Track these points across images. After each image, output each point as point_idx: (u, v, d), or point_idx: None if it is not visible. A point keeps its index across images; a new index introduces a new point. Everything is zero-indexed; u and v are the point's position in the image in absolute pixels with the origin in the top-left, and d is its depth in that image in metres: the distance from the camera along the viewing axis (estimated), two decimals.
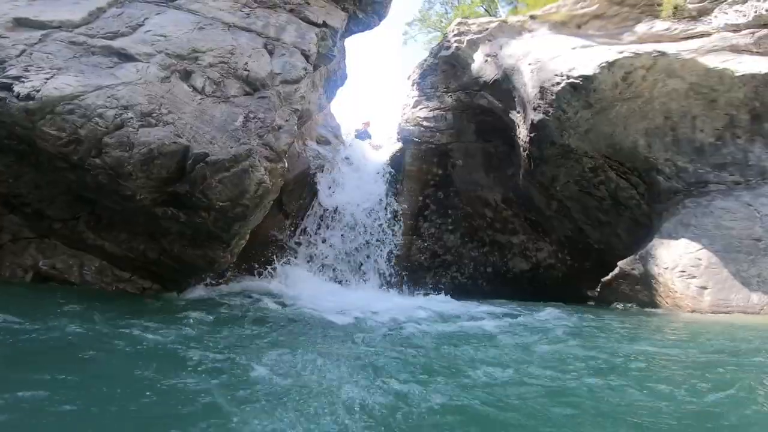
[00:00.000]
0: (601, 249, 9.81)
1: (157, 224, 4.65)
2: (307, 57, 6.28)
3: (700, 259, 7.52)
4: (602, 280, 8.74)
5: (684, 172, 8.29)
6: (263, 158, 4.86)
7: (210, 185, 4.45)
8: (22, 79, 4.10)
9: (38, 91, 4.05)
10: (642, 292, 8.13)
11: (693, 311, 7.20)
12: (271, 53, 5.84)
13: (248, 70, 5.38)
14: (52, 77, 4.17)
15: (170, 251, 4.84)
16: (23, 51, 4.28)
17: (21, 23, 4.44)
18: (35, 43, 4.38)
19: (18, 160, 4.30)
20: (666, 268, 7.69)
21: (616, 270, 8.46)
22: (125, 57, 4.67)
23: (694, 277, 7.44)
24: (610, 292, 8.62)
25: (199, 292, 5.61)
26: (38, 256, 4.72)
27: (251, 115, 5.04)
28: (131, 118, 4.28)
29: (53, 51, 4.37)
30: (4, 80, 4.07)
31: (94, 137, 4.14)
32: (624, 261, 8.43)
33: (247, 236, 5.49)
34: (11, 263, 4.66)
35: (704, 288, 7.29)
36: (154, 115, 4.42)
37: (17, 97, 4.04)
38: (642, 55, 8.08)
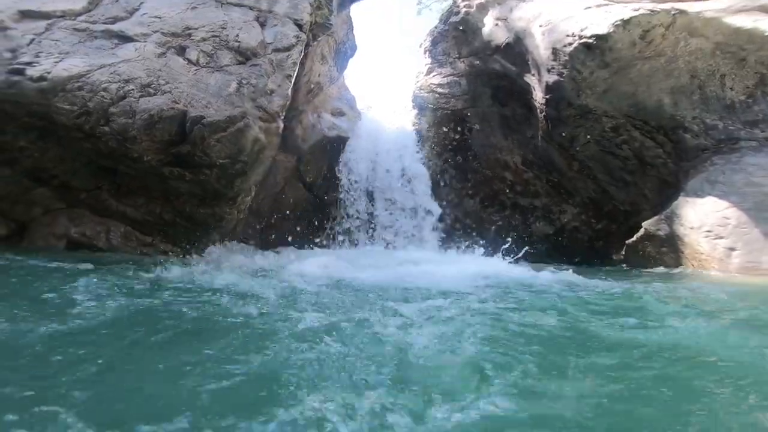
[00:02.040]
0: (627, 210, 9.80)
1: (168, 185, 5.40)
2: (300, 26, 6.87)
3: (728, 218, 7.31)
4: (627, 242, 8.75)
5: (713, 129, 8.22)
6: (257, 119, 5.55)
7: (209, 145, 5.17)
8: (34, 64, 4.91)
9: (49, 72, 4.86)
10: (668, 254, 8.08)
11: (721, 273, 6.97)
12: (263, 25, 6.48)
13: (239, 41, 6.04)
14: (60, 60, 4.97)
15: (183, 211, 5.61)
16: (32, 39, 5.08)
17: (26, 15, 5.24)
18: (42, 32, 5.17)
19: (41, 137, 5.08)
20: (692, 228, 7.59)
21: (641, 231, 8.44)
22: (124, 38, 5.44)
23: (721, 237, 7.25)
24: (636, 254, 8.59)
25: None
26: (69, 225, 5.53)
27: (244, 81, 5.71)
28: (132, 89, 5.03)
29: (60, 38, 5.16)
30: (18, 66, 4.89)
31: (102, 108, 4.90)
32: (649, 221, 8.41)
33: (252, 193, 6.20)
34: (45, 233, 5.48)
35: (732, 249, 7.10)
36: (153, 86, 5.15)
37: (31, 79, 4.86)
38: (659, 12, 7.97)
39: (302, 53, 6.85)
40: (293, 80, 6.56)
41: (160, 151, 5.12)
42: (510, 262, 7.98)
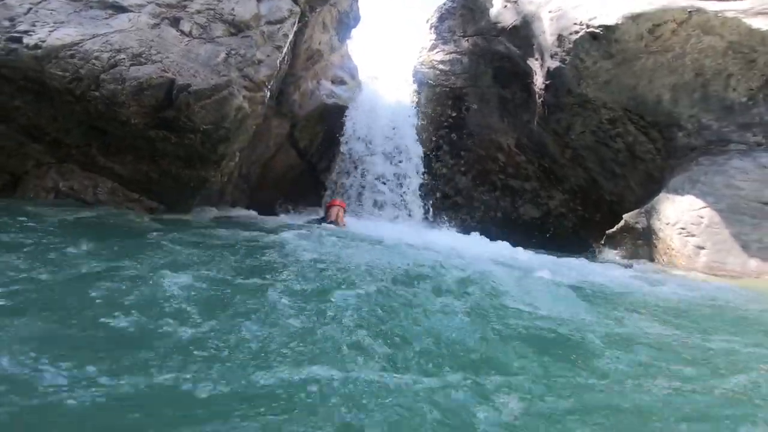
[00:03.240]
0: (613, 201, 10.28)
1: (154, 147, 5.88)
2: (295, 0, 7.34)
3: (702, 217, 7.66)
4: (607, 232, 9.20)
5: (706, 130, 8.48)
6: (242, 87, 6.04)
7: (194, 111, 5.65)
8: (30, 33, 5.36)
9: (44, 41, 5.34)
10: (642, 246, 8.49)
11: (687, 270, 7.37)
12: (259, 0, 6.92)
13: (234, 14, 6.45)
14: (55, 30, 5.42)
15: (169, 172, 6.12)
16: (30, 9, 5.52)
17: None
18: (39, 2, 5.61)
19: (36, 98, 5.54)
20: (667, 224, 7.94)
21: (621, 223, 8.89)
22: (119, 9, 5.86)
23: (693, 235, 7.63)
24: (614, 245, 9.03)
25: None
26: (58, 178, 6.04)
27: (233, 52, 6.16)
28: (123, 59, 5.49)
29: (56, 8, 5.60)
30: (16, 34, 5.35)
31: (93, 75, 5.37)
32: (629, 214, 8.84)
33: (236, 158, 6.73)
34: (35, 186, 5.99)
35: (701, 248, 7.48)
36: (144, 55, 5.60)
37: (27, 47, 5.33)
38: (674, 9, 8.09)
39: (295, 25, 7.24)
40: (284, 50, 6.98)
41: (147, 116, 5.59)
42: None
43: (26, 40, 5.33)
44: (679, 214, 7.88)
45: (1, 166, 5.84)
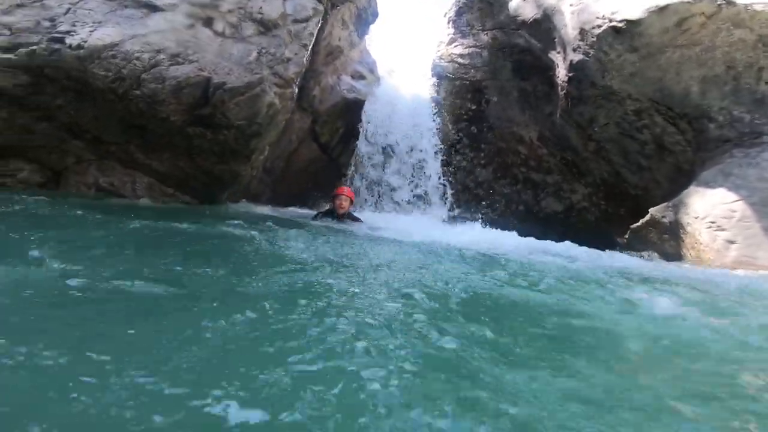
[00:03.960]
0: (638, 195, 10.22)
1: (190, 143, 6.29)
2: None
3: (734, 211, 7.54)
4: (632, 226, 9.10)
5: (739, 122, 8.42)
6: (273, 85, 6.44)
7: (228, 108, 6.07)
8: (72, 33, 5.69)
9: (85, 41, 5.67)
10: (668, 241, 8.38)
11: (715, 265, 7.21)
12: None
13: (262, 14, 6.81)
14: (95, 30, 5.75)
15: (202, 167, 6.55)
16: (68, 9, 5.84)
17: None
18: (77, 2, 5.93)
19: (77, 97, 5.93)
20: (696, 218, 7.85)
21: (647, 217, 8.76)
22: (153, 8, 6.19)
23: (723, 229, 7.51)
24: (638, 239, 8.93)
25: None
26: (99, 174, 6.48)
27: (263, 51, 6.55)
28: (163, 59, 5.87)
29: (93, 8, 5.93)
30: (57, 35, 5.68)
31: (134, 75, 5.75)
32: (656, 208, 8.71)
33: (266, 152, 7.10)
34: (77, 181, 6.43)
35: (731, 242, 7.36)
36: (182, 55, 5.99)
37: (70, 47, 5.67)
38: (702, 2, 8.04)
39: (319, 23, 7.59)
40: (310, 48, 7.34)
41: (185, 113, 6.00)
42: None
43: (68, 40, 5.68)
44: (709, 208, 7.80)
45: (43, 161, 6.26)
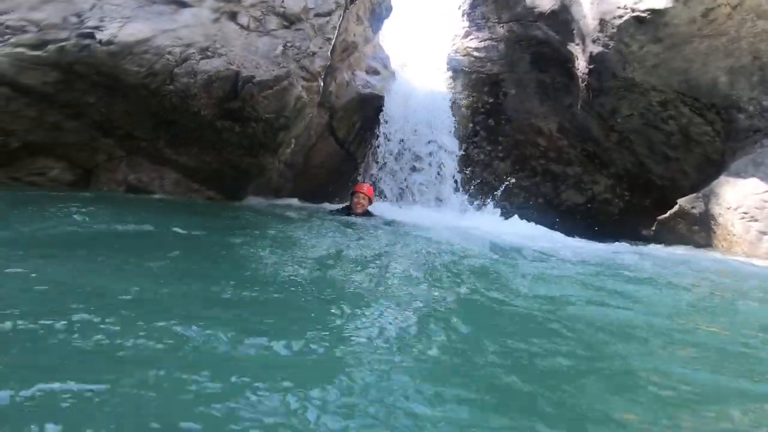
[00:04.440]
0: (664, 185, 10.26)
1: (219, 137, 6.47)
2: None
3: (766, 202, 7.57)
4: (659, 218, 9.15)
5: None
6: (300, 78, 6.61)
7: (257, 101, 6.24)
8: (101, 28, 5.77)
9: (116, 37, 5.76)
10: (699, 233, 8.42)
11: (748, 257, 7.19)
12: None
13: (285, 7, 6.96)
14: (124, 25, 5.86)
15: (230, 161, 6.75)
16: (94, 5, 5.91)
17: None
18: None
19: (108, 93, 6.06)
20: (728, 209, 7.86)
21: (676, 207, 8.80)
22: (181, 4, 6.33)
23: (756, 220, 7.54)
24: (666, 231, 8.95)
25: None
26: (128, 171, 6.64)
27: (289, 44, 6.70)
28: (193, 53, 6.04)
29: (120, 3, 6.01)
30: (87, 30, 5.76)
31: (167, 70, 5.92)
32: (685, 198, 8.75)
33: (292, 145, 7.23)
34: (108, 179, 6.60)
35: (765, 233, 7.39)
36: (211, 49, 6.15)
37: (100, 42, 5.75)
38: None
39: (341, 17, 7.72)
40: (333, 42, 7.47)
41: (215, 107, 6.18)
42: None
43: (98, 35, 5.76)
44: (741, 199, 7.81)
45: (73, 160, 6.39)
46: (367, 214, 7.84)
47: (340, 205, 8.78)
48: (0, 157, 5.94)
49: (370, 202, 8.12)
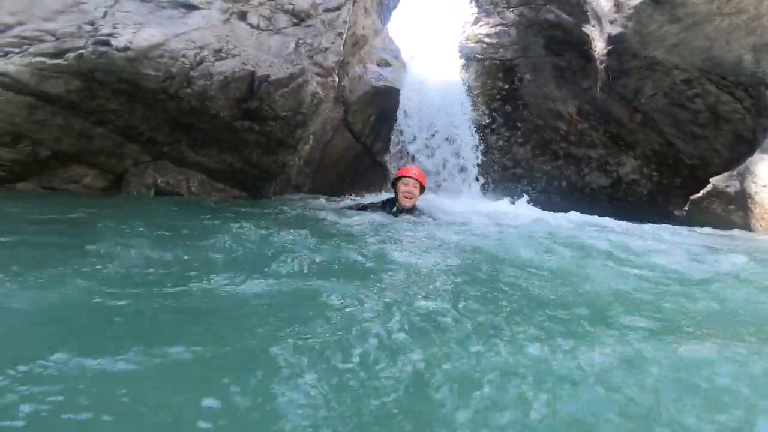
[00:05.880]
0: (694, 165, 10.37)
1: (237, 137, 6.83)
2: None
3: None
4: (691, 198, 9.21)
5: None
6: (315, 74, 6.92)
7: (274, 99, 6.58)
8: (115, 35, 6.04)
9: (131, 42, 6.02)
10: (735, 212, 8.43)
11: None
12: None
13: (293, 4, 7.29)
14: (138, 31, 6.14)
15: (250, 160, 7.10)
16: (105, 12, 6.18)
17: None
18: (112, 5, 6.25)
19: (128, 99, 6.43)
20: (764, 186, 7.90)
21: (709, 187, 8.84)
22: (190, 7, 6.62)
23: None
24: (700, 211, 8.97)
25: None
26: (156, 175, 7.04)
27: (301, 41, 7.04)
28: (207, 55, 6.37)
29: (130, 9, 6.31)
30: (102, 37, 6.03)
31: (184, 73, 6.25)
32: (718, 177, 8.78)
33: (310, 141, 7.57)
34: (136, 183, 7.00)
35: None
36: (224, 50, 6.49)
37: (117, 49, 6.03)
38: None
39: (350, 11, 8.05)
40: (345, 36, 7.81)
41: (233, 107, 6.53)
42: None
43: (114, 42, 6.05)
44: None
45: (104, 166, 6.82)
46: (415, 210, 6.64)
47: (371, 200, 8.04)
48: (31, 166, 6.34)
49: (423, 190, 6.73)
